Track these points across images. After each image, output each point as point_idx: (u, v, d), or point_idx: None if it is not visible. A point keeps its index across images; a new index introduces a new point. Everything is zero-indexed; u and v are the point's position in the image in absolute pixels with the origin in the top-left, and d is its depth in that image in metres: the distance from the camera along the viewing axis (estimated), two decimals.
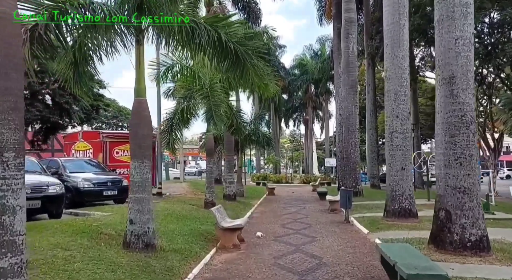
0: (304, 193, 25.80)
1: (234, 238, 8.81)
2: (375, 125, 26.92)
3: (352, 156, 19.38)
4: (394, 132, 11.35)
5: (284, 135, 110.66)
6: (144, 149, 7.10)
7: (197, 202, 14.56)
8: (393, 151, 11.38)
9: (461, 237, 7.17)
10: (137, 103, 7.21)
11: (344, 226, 12.00)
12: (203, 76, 13.77)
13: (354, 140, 19.39)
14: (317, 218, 13.79)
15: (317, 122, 65.09)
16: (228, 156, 17.51)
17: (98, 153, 15.79)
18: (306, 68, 54.79)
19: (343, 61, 19.60)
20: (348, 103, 19.41)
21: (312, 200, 20.62)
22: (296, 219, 13.58)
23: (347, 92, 19.40)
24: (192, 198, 16.16)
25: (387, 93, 11.56)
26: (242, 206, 16.16)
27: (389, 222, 11.18)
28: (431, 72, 33.94)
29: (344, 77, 19.57)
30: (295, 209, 16.78)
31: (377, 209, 15.05)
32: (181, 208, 12.39)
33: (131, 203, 6.97)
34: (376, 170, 27.02)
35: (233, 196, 17.21)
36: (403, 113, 11.28)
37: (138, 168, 7.02)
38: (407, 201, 11.20)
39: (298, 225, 12.24)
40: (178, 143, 14.56)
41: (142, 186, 6.99)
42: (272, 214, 14.96)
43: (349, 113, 19.40)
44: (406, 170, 11.26)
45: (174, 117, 13.59)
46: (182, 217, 11.04)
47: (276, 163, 54.44)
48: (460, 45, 7.32)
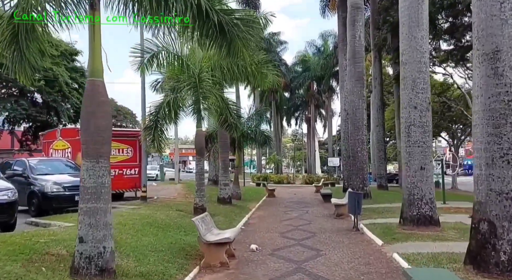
0: (307, 195, 24.16)
1: (222, 254, 7.19)
2: (382, 121, 25.28)
3: (359, 155, 17.73)
4: (411, 125, 9.71)
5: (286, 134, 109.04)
6: (100, 145, 5.49)
7: (186, 207, 12.97)
8: (410, 147, 9.73)
9: (510, 257, 5.54)
10: (90, 85, 5.60)
11: (353, 235, 10.37)
12: (193, 64, 12.19)
13: (361, 137, 17.74)
14: (321, 225, 12.17)
15: (320, 121, 63.35)
16: (223, 155, 15.91)
17: (77, 152, 14.21)
18: (308, 64, 53.19)
19: (349, 51, 17.95)
20: (354, 97, 17.76)
21: (316, 203, 18.98)
22: (297, 226, 11.95)
23: (353, 85, 17.75)
24: (182, 202, 14.57)
25: (403, 80, 9.91)
26: (237, 211, 14.54)
27: (407, 230, 9.54)
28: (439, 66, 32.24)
29: (350, 68, 17.92)
30: (297, 213, 15.15)
31: (389, 214, 13.43)
32: (165, 215, 10.78)
33: (82, 215, 5.37)
34: (383, 169, 25.37)
35: (229, 199, 15.60)
36: (422, 104, 9.64)
37: (92, 170, 5.41)
38: (427, 206, 9.56)
39: (300, 234, 10.62)
40: (165, 140, 12.96)
41: (96, 193, 5.38)
42: (271, 220, 13.34)
43: (355, 108, 17.75)
44: (426, 170, 9.62)
45: (160, 111, 11.99)
46: (164, 226, 9.43)
47: (278, 162, 52.77)
48: (507, 11, 5.69)
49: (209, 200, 16.35)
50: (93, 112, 5.49)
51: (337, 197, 19.75)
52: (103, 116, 5.56)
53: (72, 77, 30.38)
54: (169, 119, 12.34)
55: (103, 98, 5.58)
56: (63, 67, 29.44)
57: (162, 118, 12.12)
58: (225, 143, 15.78)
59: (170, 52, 12.12)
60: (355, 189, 17.18)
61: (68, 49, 31.84)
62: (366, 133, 18.33)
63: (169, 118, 12.33)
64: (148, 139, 12.21)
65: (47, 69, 27.24)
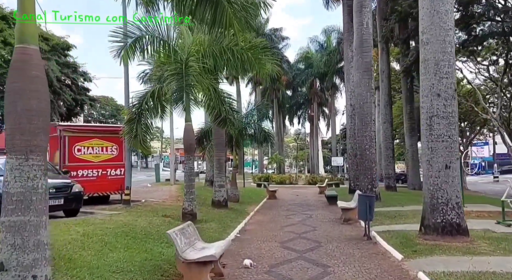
0: (310, 196, 22.66)
1: (205, 275, 5.72)
2: (390, 118, 23.77)
3: (368, 153, 16.23)
4: (434, 116, 8.21)
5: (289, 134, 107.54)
6: (31, 136, 4.04)
7: (175, 212, 11.52)
8: (433, 142, 8.24)
9: None
10: (19, 54, 4.13)
11: (365, 245, 8.89)
12: (181, 50, 10.75)
13: (370, 133, 16.23)
14: (327, 232, 10.69)
15: (323, 120, 61.79)
16: (218, 153, 14.44)
17: (55, 150, 12.83)
18: (311, 61, 51.81)
19: (356, 39, 16.45)
20: (361, 90, 16.25)
21: (320, 206, 17.50)
22: (300, 234, 10.48)
23: (361, 77, 16.25)
24: (171, 205, 13.12)
25: (424, 63, 8.42)
26: (234, 215, 13.08)
27: (429, 241, 8.04)
28: None
29: (357, 58, 16.42)
30: (300, 218, 13.68)
31: (403, 219, 11.95)
32: (147, 222, 9.33)
33: (4, 232, 3.92)
34: (391, 169, 23.84)
35: (224, 202, 14.15)
36: (446, 91, 8.15)
37: (18, 170, 3.96)
38: (454, 212, 8.07)
39: (303, 244, 9.15)
40: (150, 136, 11.53)
41: (24, 202, 3.93)
42: (271, 226, 11.87)
43: (363, 102, 16.25)
44: (452, 169, 8.12)
45: (143, 103, 10.55)
46: (143, 236, 7.98)
47: (280, 162, 51.29)
48: None
49: (203, 203, 14.92)
50: (21, 91, 4.03)
51: (343, 199, 18.26)
52: (36, 96, 4.10)
53: (64, 72, 29.03)
54: (154, 112, 10.91)
55: (36, 72, 4.12)
56: (54, 62, 28.12)
57: (146, 110, 10.67)
58: (220, 141, 14.32)
59: (155, 36, 10.72)
60: (363, 190, 15.71)
61: (59, 43, 30.51)
62: (375, 129, 16.81)
63: (154, 110, 10.90)
64: (130, 134, 10.74)
65: None
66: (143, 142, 10.75)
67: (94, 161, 13.44)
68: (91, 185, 13.22)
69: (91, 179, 13.34)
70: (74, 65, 31.16)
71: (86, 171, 13.23)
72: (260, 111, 17.40)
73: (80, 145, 13.08)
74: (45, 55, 28.11)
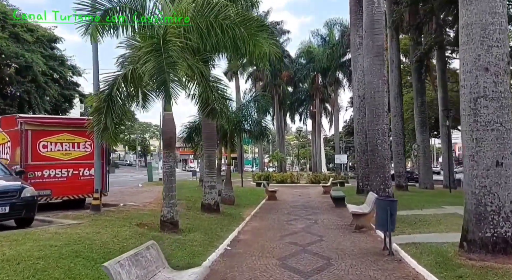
0: (314, 197, 20.73)
1: None
2: (400, 111, 21.82)
3: (380, 148, 14.29)
4: (481, 98, 6.26)
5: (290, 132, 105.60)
6: None
7: (154, 220, 9.60)
8: (479, 132, 6.29)
9: None
10: None
11: (388, 264, 6.97)
12: (157, 22, 8.84)
13: (382, 126, 14.30)
14: (337, 244, 8.77)
15: (325, 117, 59.82)
16: (208, 149, 12.51)
17: (16, 147, 10.93)
18: (313, 55, 49.86)
19: (366, 20, 14.49)
20: (372, 77, 14.31)
21: (326, 208, 15.56)
22: (304, 246, 8.58)
23: (372, 62, 14.31)
24: (153, 210, 11.21)
25: (466, 29, 6.45)
26: (226, 222, 11.16)
27: (476, 261, 6.10)
28: None
29: (367, 42, 14.46)
30: (303, 224, 11.76)
31: (427, 227, 10.04)
32: (113, 235, 7.41)
33: None
34: (403, 167, 21.89)
35: (215, 205, 12.23)
36: (498, 63, 6.20)
37: None
38: (509, 223, 6.12)
39: (308, 261, 7.24)
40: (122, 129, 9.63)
41: None
42: (269, 235, 9.95)
43: (374, 91, 14.30)
44: (506, 167, 6.17)
45: (113, 89, 8.61)
46: (99, 257, 6.06)
47: (281, 160, 49.35)
48: None
49: (192, 206, 13.02)
50: None
51: (351, 200, 16.34)
52: None
53: (50, 65, 27.12)
54: (127, 100, 8.99)
55: None
56: (39, 54, 26.21)
57: (118, 97, 8.75)
58: (210, 135, 12.39)
59: (128, 7, 8.81)
60: (375, 191, 13.78)
61: (45, 35, 28.57)
62: (388, 122, 14.87)
63: (128, 98, 8.98)
64: (99, 126, 8.81)
65: (18, 55, 24.06)
66: (114, 135, 8.83)
67: (64, 160, 11.53)
68: (60, 187, 11.37)
69: (60, 180, 11.44)
70: (62, 57, 29.28)
71: (53, 171, 11.32)
72: (258, 103, 15.46)
73: (46, 140, 11.17)
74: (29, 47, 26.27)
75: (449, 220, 10.76)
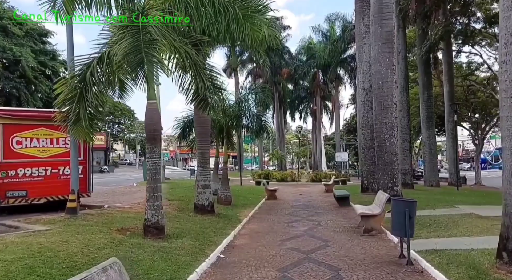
0: (316, 196, 19.66)
1: None
2: (407, 105, 20.74)
3: (388, 144, 13.22)
4: None
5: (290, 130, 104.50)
6: None
7: (138, 223, 8.52)
8: None
9: None
10: None
11: (409, 277, 5.90)
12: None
13: (390, 120, 13.22)
14: (346, 250, 7.70)
15: (325, 115, 58.71)
16: (201, 145, 11.41)
17: None
18: (314, 52, 48.82)
19: (374, 4, 13.40)
20: (380, 66, 13.22)
21: (329, 208, 14.49)
22: (308, 253, 7.51)
23: (380, 50, 13.22)
24: (139, 213, 10.11)
25: None
26: (220, 224, 10.08)
27: None
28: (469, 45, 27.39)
29: (375, 28, 13.36)
30: (306, 226, 10.68)
31: (443, 229, 8.99)
32: (84, 244, 6.33)
33: None
34: (408, 164, 20.81)
35: (210, 206, 11.16)
36: None
37: None
38: None
39: (313, 273, 6.18)
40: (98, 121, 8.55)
41: None
42: (268, 240, 8.89)
43: (382, 81, 13.21)
44: None
45: (87, 74, 7.51)
46: (59, 274, 4.99)
47: (281, 158, 48.30)
48: None
49: (185, 208, 11.95)
50: None
51: (356, 200, 15.27)
52: None
53: (40, 60, 26.02)
54: (104, 87, 7.90)
55: None
56: (29, 48, 25.13)
57: (93, 84, 7.65)
58: (203, 130, 11.30)
59: None
60: (382, 190, 12.71)
61: (35, 29, 27.44)
62: (396, 115, 13.76)
63: (106, 84, 7.89)
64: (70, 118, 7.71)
65: (5, 49, 23.00)
66: (88, 128, 7.74)
67: (41, 157, 10.46)
68: (37, 187, 10.31)
69: (37, 180, 10.38)
70: (53, 52, 28.16)
71: (29, 170, 10.25)
72: (257, 96, 14.35)
73: (20, 135, 10.10)
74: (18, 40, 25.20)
75: (468, 221, 9.69)
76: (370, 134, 17.36)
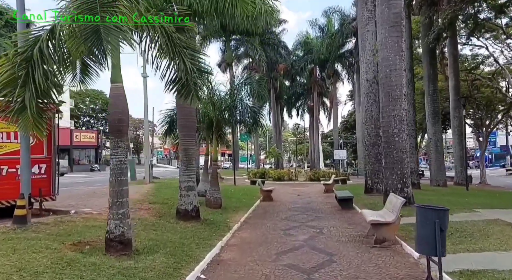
0: (315, 197, 18.19)
1: None
2: (412, 99, 19.29)
3: (397, 139, 11.78)
4: None
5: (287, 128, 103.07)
6: None
7: (103, 235, 7.00)
8: None
9: None
10: None
11: None
12: None
13: (399, 112, 11.78)
14: (356, 269, 6.24)
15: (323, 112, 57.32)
16: (184, 141, 9.88)
17: None
18: (311, 46, 47.42)
19: None
20: (388, 52, 11.76)
21: (330, 211, 13.02)
22: (310, 273, 6.05)
23: (387, 34, 11.76)
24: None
25: None
26: (206, 233, 8.59)
27: None
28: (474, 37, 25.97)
29: (382, 9, 11.90)
30: (305, 234, 9.20)
31: (470, 240, 7.61)
32: (18, 267, 4.83)
33: None
34: (414, 162, 19.38)
35: (194, 211, 9.65)
36: None
37: None
38: None
39: None
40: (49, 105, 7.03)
41: None
42: (260, 253, 7.41)
43: (390, 69, 11.76)
44: None
45: (35, 51, 5.98)
46: None
47: (278, 156, 46.82)
48: None
49: (166, 213, 10.45)
50: None
51: (360, 202, 13.85)
52: None
53: None
54: (57, 65, 6.38)
55: None
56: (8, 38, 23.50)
57: (41, 63, 6.11)
58: (186, 122, 9.77)
59: None
60: (391, 191, 11.29)
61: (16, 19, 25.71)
62: (406, 107, 12.29)
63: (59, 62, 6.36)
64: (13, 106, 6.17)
65: None
66: (36, 119, 6.20)
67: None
68: None
69: None
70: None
71: None
72: (251, 86, 12.84)
73: None
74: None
75: (497, 230, 8.27)
76: (375, 129, 15.92)
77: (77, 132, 54.43)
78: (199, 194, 15.08)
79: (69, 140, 49.56)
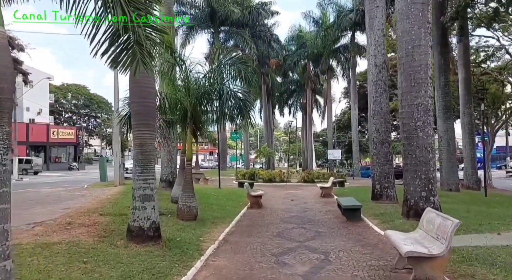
0: (312, 203, 15.58)
1: None
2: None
3: (421, 134, 9.22)
4: None
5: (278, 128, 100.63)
6: None
7: None
8: None
9: None
10: None
11: None
12: None
13: (425, 100, 9.21)
14: None
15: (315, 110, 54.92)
16: (139, 132, 7.12)
17: None
18: (304, 40, 45.01)
19: None
20: (410, 25, 9.18)
21: (333, 223, 10.40)
22: None
23: (410, 1, 9.15)
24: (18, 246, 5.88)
25: None
26: (164, 264, 5.88)
27: None
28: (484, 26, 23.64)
29: None
30: (305, 264, 6.52)
31: None
32: None
33: None
34: None
35: (152, 230, 6.92)
36: None
37: None
38: None
39: None
40: None
41: None
42: None
43: (413, 45, 9.18)
44: None
45: None
46: None
47: (269, 156, 44.21)
48: None
49: (116, 229, 7.71)
50: None
51: (368, 212, 11.28)
52: None
53: None
54: None
55: None
56: None
57: None
58: (142, 108, 7.02)
59: None
60: (413, 200, 8.72)
61: None
62: (432, 94, 9.71)
63: None
64: None
65: None
66: None
67: None
68: None
69: None
70: None
71: None
72: (234, 67, 10.18)
73: None
74: None
75: None
76: (384, 124, 13.36)
77: (55, 128, 51.13)
78: (173, 200, 12.38)
79: (45, 136, 46.36)
